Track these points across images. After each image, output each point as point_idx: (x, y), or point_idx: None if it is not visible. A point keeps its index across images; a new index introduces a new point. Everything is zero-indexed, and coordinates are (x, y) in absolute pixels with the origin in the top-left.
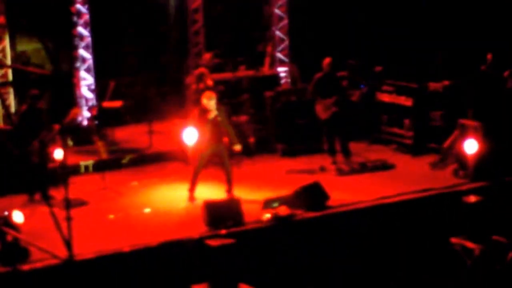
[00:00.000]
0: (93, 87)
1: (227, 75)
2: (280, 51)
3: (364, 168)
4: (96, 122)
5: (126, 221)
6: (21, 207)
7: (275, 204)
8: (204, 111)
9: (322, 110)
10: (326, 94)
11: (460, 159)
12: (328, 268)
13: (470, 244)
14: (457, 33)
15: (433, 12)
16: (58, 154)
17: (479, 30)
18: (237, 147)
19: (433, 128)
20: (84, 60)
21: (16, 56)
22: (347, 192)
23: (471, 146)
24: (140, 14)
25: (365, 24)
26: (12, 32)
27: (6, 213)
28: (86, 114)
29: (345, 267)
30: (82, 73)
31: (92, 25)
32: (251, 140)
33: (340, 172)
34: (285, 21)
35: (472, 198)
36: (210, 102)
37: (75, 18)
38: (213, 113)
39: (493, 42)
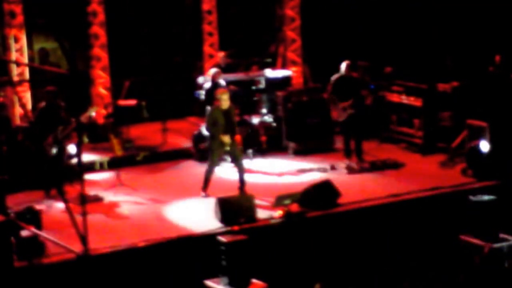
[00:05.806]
0: (108, 85)
1: (239, 75)
2: (292, 52)
3: (374, 166)
4: (111, 120)
5: (140, 217)
6: (37, 203)
7: (287, 201)
8: (218, 105)
9: (339, 112)
10: (343, 96)
11: (469, 158)
12: (338, 265)
13: (479, 242)
14: (466, 35)
15: (443, 14)
16: (74, 150)
17: (488, 32)
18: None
19: (442, 128)
20: (99, 59)
21: (37, 52)
22: (357, 190)
23: (479, 146)
24: (154, 15)
25: (375, 25)
26: (29, 31)
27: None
28: (101, 112)
29: (355, 264)
30: (98, 72)
31: (108, 25)
32: (263, 139)
33: (351, 170)
34: (297, 22)
35: (480, 197)
36: (223, 95)
37: (91, 18)
38: (226, 104)
39: (501, 43)
